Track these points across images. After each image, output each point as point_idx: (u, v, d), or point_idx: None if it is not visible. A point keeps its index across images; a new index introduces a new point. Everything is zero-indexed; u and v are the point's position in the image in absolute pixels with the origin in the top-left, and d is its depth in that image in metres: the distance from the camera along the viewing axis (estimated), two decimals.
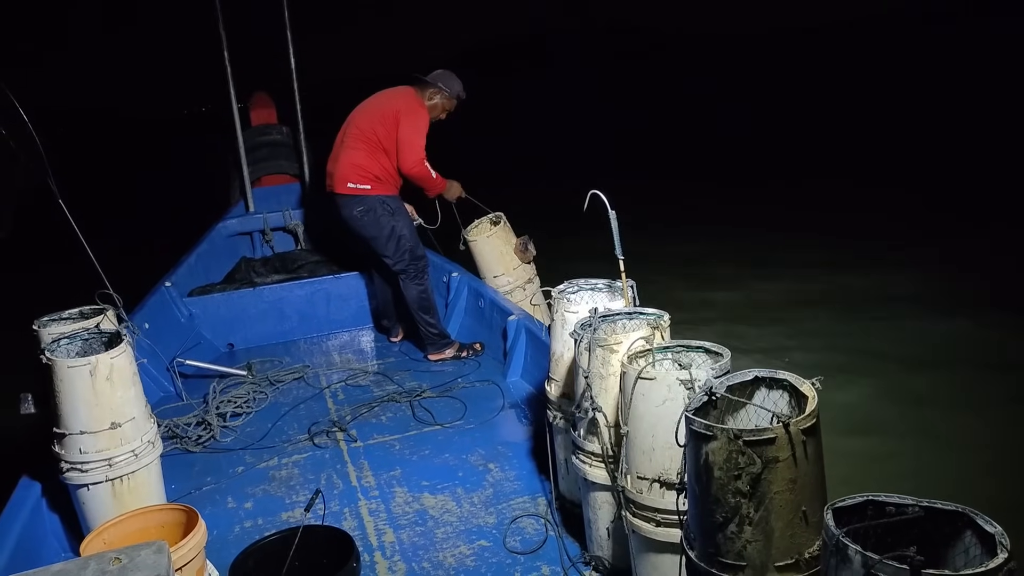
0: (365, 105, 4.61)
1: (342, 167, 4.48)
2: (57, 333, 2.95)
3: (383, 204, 4.47)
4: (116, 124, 23.48)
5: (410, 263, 4.51)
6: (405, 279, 4.53)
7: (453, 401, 4.09)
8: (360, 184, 4.43)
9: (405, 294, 4.57)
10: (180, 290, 5.03)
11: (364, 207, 4.46)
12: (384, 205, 4.47)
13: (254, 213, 5.86)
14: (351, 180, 4.45)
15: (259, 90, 6.45)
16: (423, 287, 4.57)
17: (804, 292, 6.77)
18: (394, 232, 4.47)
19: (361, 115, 4.56)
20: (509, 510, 3.09)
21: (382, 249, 4.52)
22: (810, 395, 1.72)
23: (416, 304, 4.57)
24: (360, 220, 4.48)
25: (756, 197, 10.68)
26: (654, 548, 2.17)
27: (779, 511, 1.62)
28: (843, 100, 18.35)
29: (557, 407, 2.93)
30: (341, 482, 3.40)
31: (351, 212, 4.49)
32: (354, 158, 4.44)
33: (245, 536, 2.98)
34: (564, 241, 7.25)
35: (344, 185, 4.46)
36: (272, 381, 4.46)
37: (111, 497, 2.75)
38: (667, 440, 1.99)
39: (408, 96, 4.51)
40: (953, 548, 1.40)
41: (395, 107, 4.46)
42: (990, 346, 5.37)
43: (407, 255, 4.49)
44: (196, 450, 3.76)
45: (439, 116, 4.58)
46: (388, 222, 4.47)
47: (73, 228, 3.41)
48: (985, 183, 9.88)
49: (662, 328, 2.44)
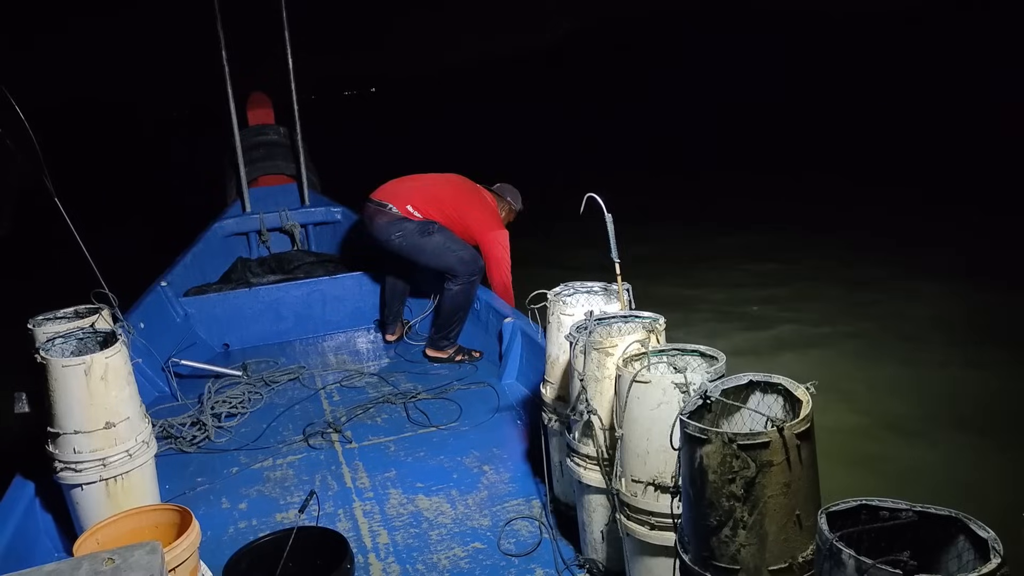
0: (462, 181, 4.67)
1: (407, 191, 4.49)
2: (52, 332, 2.94)
3: (422, 228, 4.41)
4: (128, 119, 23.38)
5: (456, 267, 4.42)
6: (451, 280, 4.47)
7: (448, 403, 4.08)
8: (415, 211, 4.41)
9: (446, 291, 4.49)
10: (176, 290, 5.01)
11: (403, 232, 4.40)
12: (423, 228, 4.41)
13: (251, 213, 5.86)
14: (412, 204, 4.42)
15: (256, 90, 6.46)
16: (465, 291, 4.48)
17: (802, 296, 6.77)
18: (437, 245, 4.40)
19: (453, 184, 4.62)
20: (504, 512, 3.10)
21: (427, 261, 4.49)
22: (804, 399, 1.72)
23: (449, 302, 4.50)
24: (394, 243, 4.44)
25: (761, 192, 10.53)
26: (648, 551, 2.18)
27: (773, 515, 1.62)
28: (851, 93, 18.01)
29: (552, 410, 2.93)
30: (336, 483, 3.40)
31: (388, 235, 4.43)
32: (423, 197, 4.46)
33: (239, 537, 2.98)
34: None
35: (403, 205, 4.41)
36: (267, 382, 4.45)
37: (105, 497, 2.74)
38: (662, 443, 1.99)
39: (493, 213, 4.58)
40: (946, 553, 1.40)
41: (486, 215, 4.52)
42: (992, 351, 5.38)
43: (453, 261, 4.41)
44: (191, 450, 3.75)
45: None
46: (429, 239, 4.40)
47: (69, 227, 3.40)
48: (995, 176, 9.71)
49: (657, 331, 2.44)
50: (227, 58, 5.51)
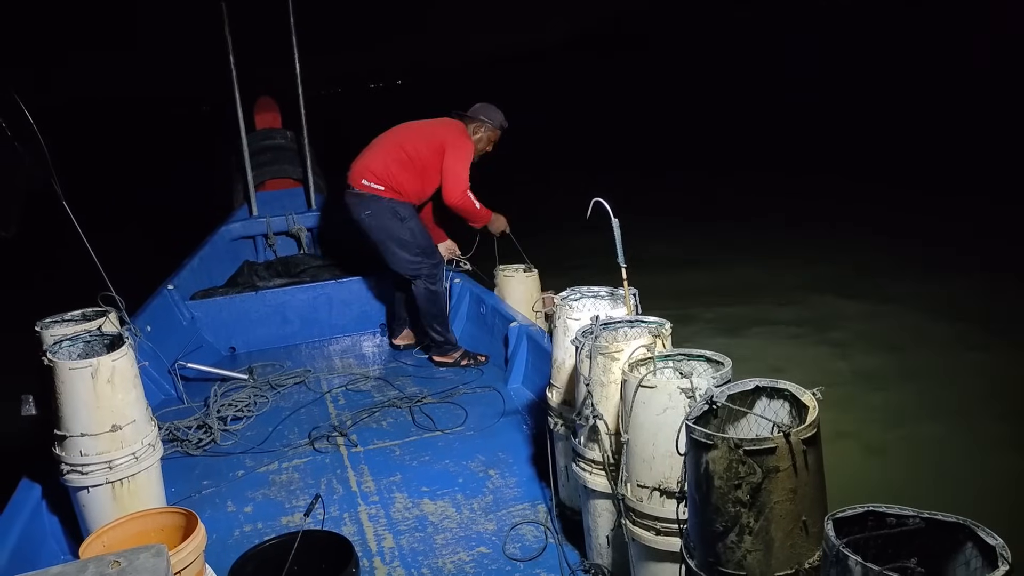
0: (410, 125, 4.61)
1: (363, 164, 4.45)
2: (59, 335, 2.95)
3: (392, 210, 4.42)
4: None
5: (420, 267, 4.46)
6: (417, 281, 4.50)
7: (454, 407, 4.08)
8: (374, 184, 4.40)
9: (415, 295, 4.54)
10: (182, 293, 5.03)
11: (371, 211, 4.43)
12: (393, 211, 4.43)
13: (257, 217, 5.87)
14: (366, 178, 4.41)
15: (264, 94, 6.47)
16: (433, 290, 4.53)
17: (810, 301, 6.75)
18: (401, 239, 4.43)
19: (405, 131, 4.56)
20: (509, 517, 3.09)
21: (388, 255, 4.49)
22: (811, 405, 1.72)
23: (424, 306, 4.54)
24: (367, 223, 4.46)
25: (768, 189, 10.47)
26: (654, 556, 2.17)
27: (779, 521, 1.62)
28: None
29: (558, 414, 2.93)
30: (341, 487, 3.40)
31: (359, 213, 4.47)
32: (380, 161, 4.42)
33: (244, 540, 2.98)
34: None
35: (359, 181, 4.42)
36: (273, 385, 4.46)
37: (111, 500, 2.75)
38: (667, 448, 1.99)
39: (455, 128, 4.52)
40: (954, 560, 1.39)
41: (441, 137, 4.45)
42: (995, 355, 5.36)
43: (416, 260, 4.45)
44: (196, 453, 3.76)
45: (486, 149, 4.60)
46: (396, 228, 4.42)
47: (77, 230, 3.42)
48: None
49: (663, 336, 2.43)
50: (234, 62, 5.54)
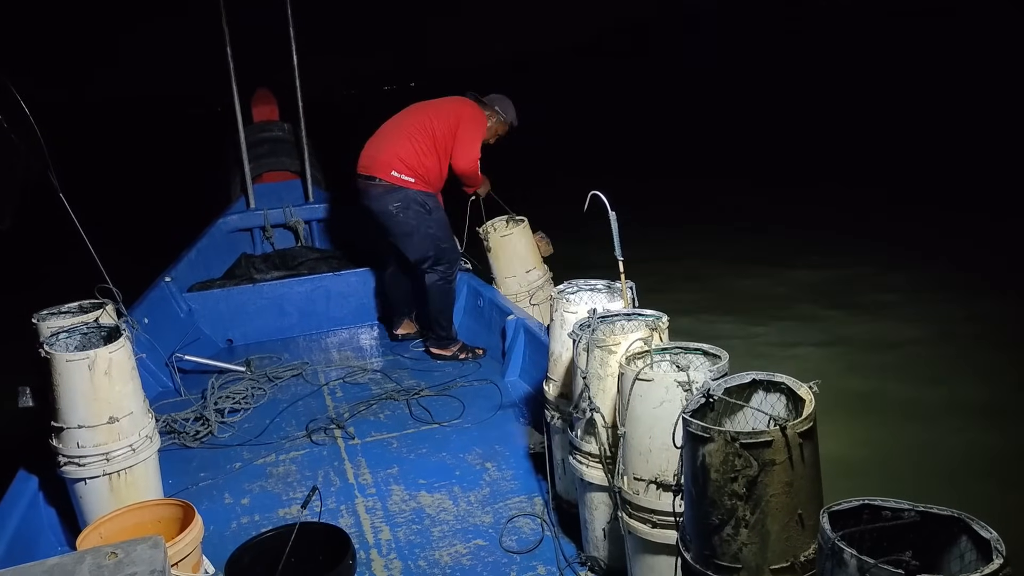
0: (425, 104, 4.60)
1: (391, 152, 4.39)
2: (56, 327, 2.95)
3: (421, 202, 4.39)
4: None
5: (440, 260, 4.45)
6: (433, 273, 4.47)
7: (451, 400, 4.09)
8: (404, 175, 4.36)
9: (427, 285, 4.50)
10: (180, 285, 5.02)
11: (401, 203, 4.38)
12: (422, 203, 4.39)
13: (255, 209, 5.86)
14: (396, 168, 4.36)
15: (261, 86, 6.45)
16: (448, 284, 4.52)
17: (807, 297, 6.75)
18: (427, 232, 4.40)
19: (421, 110, 4.53)
20: (506, 509, 3.10)
21: (410, 247, 4.45)
22: (807, 398, 1.72)
23: (436, 298, 4.52)
24: (394, 216, 4.40)
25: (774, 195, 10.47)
26: (650, 549, 2.18)
27: (775, 514, 1.62)
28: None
29: (555, 407, 2.94)
30: (338, 479, 3.41)
31: (385, 206, 4.40)
32: (405, 148, 4.38)
33: (242, 532, 2.99)
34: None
35: (387, 172, 4.36)
36: (271, 377, 4.46)
37: (108, 491, 2.75)
38: (664, 441, 1.99)
39: (473, 107, 4.53)
40: (949, 553, 1.40)
41: (459, 112, 4.46)
42: (992, 350, 5.37)
43: (436, 252, 4.43)
44: (194, 445, 3.76)
45: (490, 139, 4.60)
46: (423, 221, 4.39)
47: (74, 222, 3.41)
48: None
49: (660, 330, 2.44)
50: (232, 54, 5.51)
